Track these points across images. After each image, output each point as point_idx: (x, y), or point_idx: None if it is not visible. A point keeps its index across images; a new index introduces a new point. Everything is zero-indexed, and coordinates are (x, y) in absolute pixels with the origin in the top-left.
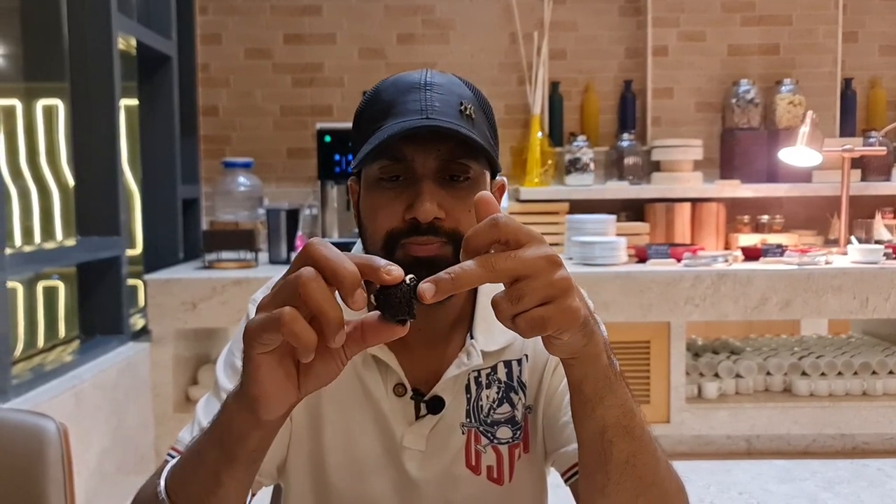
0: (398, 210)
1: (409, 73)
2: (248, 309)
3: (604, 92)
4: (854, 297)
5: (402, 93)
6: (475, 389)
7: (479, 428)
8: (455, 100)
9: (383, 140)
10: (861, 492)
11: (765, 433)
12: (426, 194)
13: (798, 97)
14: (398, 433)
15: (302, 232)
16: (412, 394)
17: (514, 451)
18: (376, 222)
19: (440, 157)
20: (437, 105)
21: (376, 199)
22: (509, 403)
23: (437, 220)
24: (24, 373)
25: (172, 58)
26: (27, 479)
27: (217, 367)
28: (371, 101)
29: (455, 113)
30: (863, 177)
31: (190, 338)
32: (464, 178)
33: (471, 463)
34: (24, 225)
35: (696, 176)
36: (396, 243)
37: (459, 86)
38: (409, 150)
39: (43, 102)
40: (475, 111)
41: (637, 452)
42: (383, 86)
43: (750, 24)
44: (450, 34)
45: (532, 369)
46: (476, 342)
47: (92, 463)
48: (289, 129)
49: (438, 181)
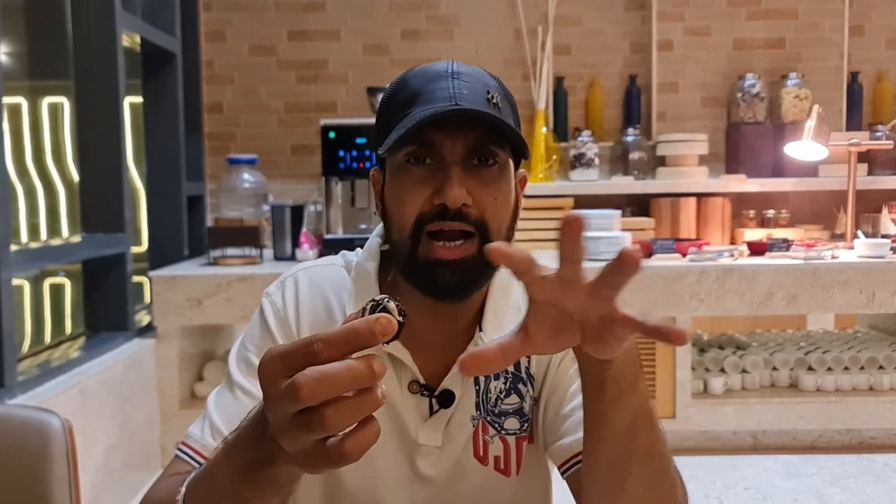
0: (426, 193)
1: (433, 63)
2: (262, 303)
3: (609, 87)
4: (861, 291)
5: (429, 81)
6: (483, 381)
7: (486, 418)
8: (482, 88)
9: (414, 125)
10: (867, 486)
11: (771, 428)
12: (455, 179)
13: (804, 91)
14: (413, 431)
15: (306, 228)
16: (423, 390)
17: (521, 442)
18: (403, 206)
19: (468, 142)
20: (465, 93)
21: (404, 182)
22: (517, 394)
23: (464, 207)
24: (30, 369)
25: (177, 55)
26: (32, 475)
27: (230, 361)
28: (397, 89)
29: (483, 101)
30: (869, 171)
31: (195, 334)
32: (492, 162)
33: (478, 453)
34: (30, 222)
35: (701, 171)
36: (423, 229)
37: (486, 76)
38: (438, 135)
39: (48, 100)
40: (501, 101)
41: (656, 442)
42: (410, 74)
43: (755, 18)
44: (454, 30)
45: (538, 361)
46: (485, 334)
47: (98, 459)
48: (293, 126)
49: (466, 167)
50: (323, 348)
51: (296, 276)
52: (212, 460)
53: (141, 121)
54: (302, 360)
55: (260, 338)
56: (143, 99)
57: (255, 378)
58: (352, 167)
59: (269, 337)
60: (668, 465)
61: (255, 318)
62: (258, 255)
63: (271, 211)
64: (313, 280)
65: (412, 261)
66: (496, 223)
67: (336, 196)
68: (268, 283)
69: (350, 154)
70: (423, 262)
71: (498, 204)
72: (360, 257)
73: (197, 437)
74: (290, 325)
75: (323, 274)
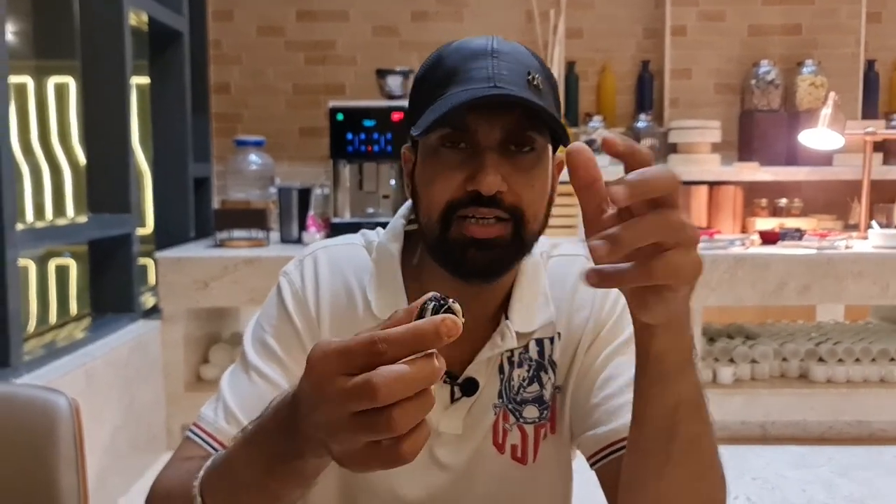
0: (459, 179)
1: (472, 38)
2: (279, 282)
3: (621, 72)
4: (874, 282)
5: (467, 59)
6: (508, 369)
7: (508, 406)
8: (523, 69)
9: (449, 109)
10: (877, 479)
11: (780, 419)
12: (490, 166)
13: (820, 78)
14: (433, 417)
15: (313, 211)
16: (445, 377)
17: (539, 430)
18: (434, 191)
19: (505, 126)
20: (504, 73)
21: (436, 166)
22: (538, 382)
23: (498, 193)
24: (36, 349)
25: (184, 34)
26: (39, 454)
27: (245, 341)
28: (433, 66)
29: (523, 83)
30: (885, 160)
31: (201, 317)
32: (529, 148)
33: (497, 441)
34: (35, 202)
35: (713, 158)
36: (454, 214)
37: (527, 55)
38: (474, 119)
39: (54, 80)
40: (542, 82)
41: (703, 434)
42: (446, 51)
43: (771, 4)
44: (464, 11)
45: (564, 348)
46: (511, 323)
47: (104, 440)
48: (301, 108)
49: (501, 151)
50: (388, 348)
51: (315, 256)
52: (231, 451)
53: (147, 101)
54: (365, 360)
55: (277, 318)
56: (149, 79)
57: (272, 361)
58: (360, 150)
59: (286, 318)
60: (712, 460)
61: (273, 298)
62: (265, 237)
63: (278, 193)
64: (333, 260)
65: (442, 240)
66: (532, 211)
67: (344, 179)
68: (275, 265)
69: (358, 137)
70: (454, 241)
71: (534, 191)
72: (383, 238)
73: (210, 420)
74: (309, 306)
75: (343, 254)
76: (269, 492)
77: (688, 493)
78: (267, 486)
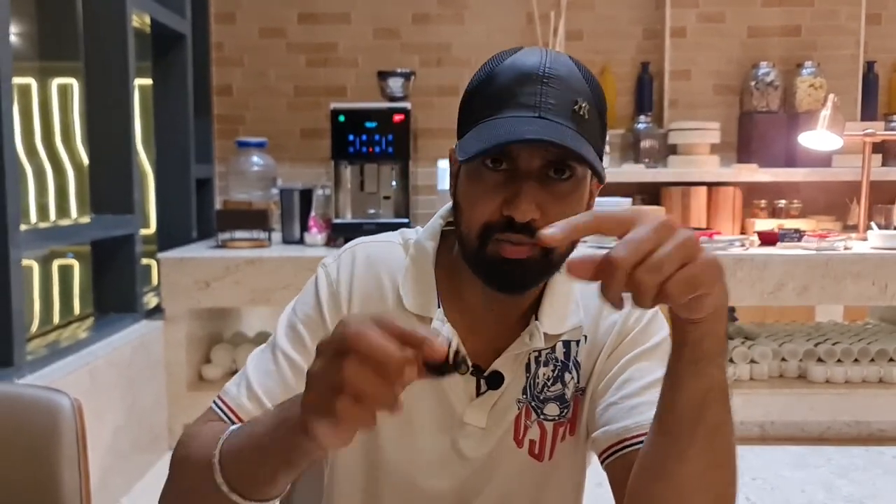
0: (496, 203)
1: (528, 52)
2: (318, 272)
3: (621, 73)
4: (873, 283)
5: (518, 81)
6: (534, 367)
7: (531, 403)
8: (570, 97)
9: (493, 146)
10: (876, 479)
11: (779, 419)
12: (526, 195)
13: (819, 80)
14: (458, 409)
15: (315, 212)
16: (472, 370)
17: (558, 429)
18: (473, 211)
19: (545, 156)
20: (551, 102)
21: (476, 185)
22: (561, 382)
23: (532, 221)
24: (39, 349)
25: (186, 36)
26: (42, 454)
27: (279, 322)
28: (486, 82)
29: (568, 113)
30: (884, 162)
31: (203, 317)
32: (567, 175)
33: (518, 436)
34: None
35: (712, 159)
36: (490, 236)
37: (578, 79)
38: (515, 148)
39: (58, 81)
40: (589, 110)
41: (726, 422)
42: (500, 68)
43: (771, 5)
44: (465, 14)
45: (589, 351)
46: (541, 324)
47: (106, 440)
48: (303, 109)
49: (540, 178)
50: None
51: (354, 251)
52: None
53: (150, 103)
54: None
55: (310, 307)
56: (152, 81)
57: (299, 345)
58: (361, 151)
59: (317, 308)
60: (732, 449)
61: (310, 286)
62: (266, 238)
63: (280, 194)
64: (371, 257)
65: (478, 255)
66: None
67: (345, 180)
68: (276, 266)
69: (359, 138)
70: (489, 258)
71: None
72: (421, 235)
73: (233, 395)
74: (342, 300)
75: (381, 251)
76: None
77: (705, 482)
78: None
